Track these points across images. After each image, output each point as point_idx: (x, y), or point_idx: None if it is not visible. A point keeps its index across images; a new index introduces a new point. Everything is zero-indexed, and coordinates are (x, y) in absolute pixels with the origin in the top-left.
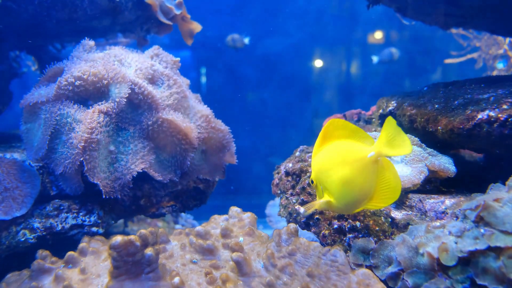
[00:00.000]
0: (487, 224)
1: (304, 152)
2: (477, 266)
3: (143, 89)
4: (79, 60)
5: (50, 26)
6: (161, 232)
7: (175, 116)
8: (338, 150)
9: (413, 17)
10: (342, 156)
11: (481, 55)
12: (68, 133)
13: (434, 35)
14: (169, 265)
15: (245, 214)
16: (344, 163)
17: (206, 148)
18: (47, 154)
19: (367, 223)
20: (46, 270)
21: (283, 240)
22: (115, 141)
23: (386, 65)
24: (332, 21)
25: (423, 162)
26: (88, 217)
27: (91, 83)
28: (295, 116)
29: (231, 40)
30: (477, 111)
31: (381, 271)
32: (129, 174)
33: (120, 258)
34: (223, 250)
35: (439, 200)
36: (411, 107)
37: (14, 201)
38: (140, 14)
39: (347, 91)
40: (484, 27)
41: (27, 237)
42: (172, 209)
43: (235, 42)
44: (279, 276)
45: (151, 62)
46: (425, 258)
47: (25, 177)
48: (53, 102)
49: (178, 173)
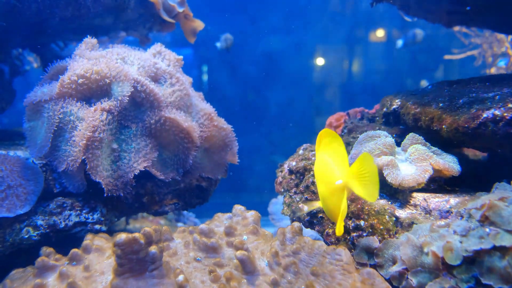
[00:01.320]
0: (492, 224)
1: (308, 151)
2: (482, 266)
3: (146, 87)
4: (81, 58)
5: (53, 24)
6: (165, 230)
7: (177, 114)
8: (321, 165)
9: (416, 14)
10: (322, 173)
11: (481, 52)
12: (71, 131)
13: (437, 34)
14: (173, 263)
15: (249, 213)
16: (322, 180)
17: (209, 147)
18: (50, 151)
19: (371, 222)
20: (50, 267)
21: (287, 238)
22: (118, 139)
23: (388, 63)
24: (334, 19)
25: (428, 161)
26: (91, 214)
27: (94, 81)
28: (297, 114)
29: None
30: (482, 110)
31: (385, 270)
32: (132, 172)
33: (124, 255)
34: (227, 248)
35: (444, 199)
36: (416, 106)
37: (18, 199)
38: (143, 12)
39: (349, 90)
40: (487, 25)
41: (30, 234)
42: (175, 207)
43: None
44: (284, 275)
45: (154, 60)
46: (429, 257)
47: (29, 174)
48: (56, 100)
49: (180, 171)
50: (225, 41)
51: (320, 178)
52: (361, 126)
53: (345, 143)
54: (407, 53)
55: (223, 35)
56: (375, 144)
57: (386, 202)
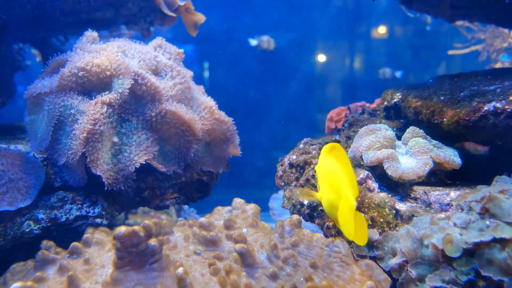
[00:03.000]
0: (493, 216)
1: (308, 145)
2: (482, 258)
3: (146, 80)
4: (82, 52)
5: (54, 18)
6: (165, 223)
7: (178, 107)
8: (334, 174)
9: (419, 9)
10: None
11: (485, 47)
12: (71, 124)
13: (439, 29)
14: (173, 256)
15: (248, 206)
16: (329, 184)
17: (210, 140)
18: (51, 145)
19: (371, 215)
20: (51, 261)
21: (286, 231)
22: (119, 132)
23: (388, 59)
24: (335, 15)
25: (428, 154)
26: (92, 208)
27: (94, 74)
28: (298, 110)
29: (261, 42)
30: (484, 103)
31: (385, 263)
32: (132, 165)
33: (124, 248)
34: (227, 241)
35: (444, 192)
36: (417, 99)
37: (19, 192)
38: (144, 5)
39: (350, 85)
40: (490, 19)
41: (31, 228)
42: (176, 201)
43: (263, 43)
44: (282, 267)
45: (154, 53)
46: (429, 250)
47: (29, 168)
48: (57, 93)
49: (181, 165)
50: (267, 43)
51: (327, 180)
52: (362, 120)
53: (346, 137)
54: (409, 48)
55: (263, 36)
56: (375, 138)
57: (386, 195)
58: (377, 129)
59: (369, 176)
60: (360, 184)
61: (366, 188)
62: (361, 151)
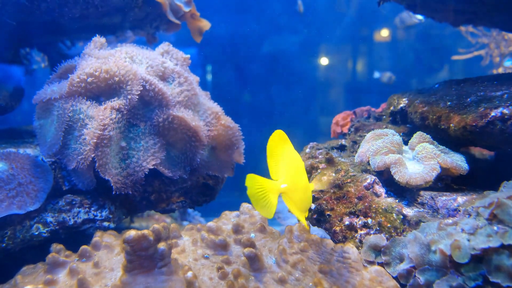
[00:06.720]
0: (501, 222)
1: (315, 149)
2: (490, 264)
3: (154, 86)
4: (90, 57)
5: (62, 23)
6: (173, 227)
7: (185, 113)
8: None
9: (423, 13)
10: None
11: (488, 52)
12: (80, 129)
13: (442, 33)
14: (181, 260)
15: (256, 211)
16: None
17: (216, 145)
18: (60, 149)
19: (379, 220)
20: (61, 264)
21: (295, 236)
22: (127, 137)
23: (393, 64)
24: (339, 19)
25: (435, 159)
26: (99, 212)
27: (103, 80)
28: (302, 113)
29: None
30: (491, 109)
31: (392, 268)
32: (142, 171)
33: (134, 252)
34: (235, 246)
35: (451, 197)
36: (423, 104)
37: (28, 196)
38: (150, 11)
39: (354, 89)
40: (494, 24)
41: (40, 231)
42: (182, 205)
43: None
44: (291, 272)
45: (162, 59)
46: (437, 255)
47: (38, 172)
48: (66, 98)
49: (187, 169)
50: (389, 79)
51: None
52: (368, 125)
53: (352, 142)
54: (413, 52)
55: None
56: (382, 143)
57: (393, 200)
58: (384, 134)
59: (376, 181)
60: (367, 189)
61: (373, 193)
62: (368, 156)
